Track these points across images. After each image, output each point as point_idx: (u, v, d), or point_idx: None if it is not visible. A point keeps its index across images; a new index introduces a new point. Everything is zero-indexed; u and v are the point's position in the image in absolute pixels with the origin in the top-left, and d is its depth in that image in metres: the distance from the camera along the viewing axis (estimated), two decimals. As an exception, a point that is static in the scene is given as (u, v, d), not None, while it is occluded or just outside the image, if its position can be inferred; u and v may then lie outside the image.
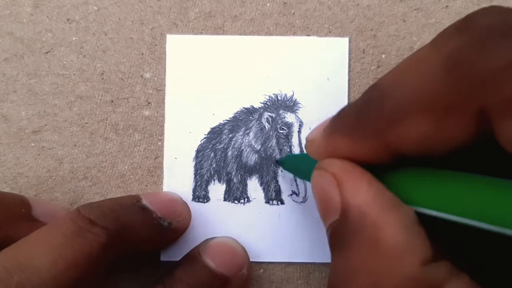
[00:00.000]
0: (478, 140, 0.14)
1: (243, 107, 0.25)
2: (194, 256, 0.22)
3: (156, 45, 0.25)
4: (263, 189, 0.25)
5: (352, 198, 0.15)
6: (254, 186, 0.25)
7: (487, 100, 0.13)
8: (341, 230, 0.16)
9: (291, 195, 0.25)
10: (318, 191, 0.17)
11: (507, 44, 0.12)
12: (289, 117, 0.25)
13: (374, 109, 0.15)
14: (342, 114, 0.17)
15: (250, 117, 0.25)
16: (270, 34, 0.25)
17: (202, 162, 0.25)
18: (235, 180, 0.25)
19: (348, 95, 0.25)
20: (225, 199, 0.25)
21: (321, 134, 0.18)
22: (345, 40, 0.25)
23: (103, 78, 0.25)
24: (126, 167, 0.25)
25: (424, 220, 0.15)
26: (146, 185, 0.25)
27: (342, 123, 0.17)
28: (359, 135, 0.16)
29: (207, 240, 0.24)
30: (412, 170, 0.16)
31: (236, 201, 0.25)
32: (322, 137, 0.18)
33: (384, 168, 0.16)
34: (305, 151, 0.21)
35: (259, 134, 0.25)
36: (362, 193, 0.15)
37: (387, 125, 0.15)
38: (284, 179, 0.25)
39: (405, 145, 0.15)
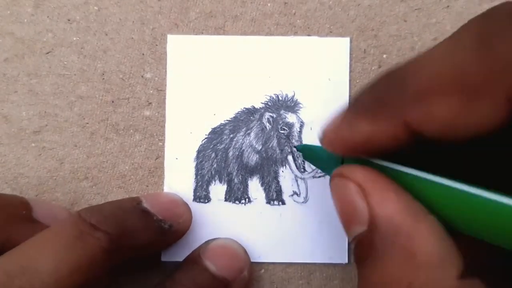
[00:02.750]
0: (504, 127, 0.13)
1: (244, 107, 0.25)
2: (194, 259, 0.22)
3: (157, 45, 0.25)
4: (264, 189, 0.25)
5: (382, 209, 0.15)
6: (255, 187, 0.25)
7: None
8: (370, 242, 0.15)
9: (292, 195, 0.25)
10: (341, 200, 0.17)
11: None
12: (290, 118, 0.25)
13: (398, 88, 0.15)
14: (359, 99, 0.17)
15: (251, 118, 0.25)
16: (271, 34, 0.25)
17: (203, 162, 0.25)
18: (236, 180, 0.25)
19: (349, 95, 0.25)
20: (226, 200, 0.25)
21: (338, 119, 0.17)
22: (346, 40, 0.25)
23: (103, 78, 0.25)
24: (127, 167, 0.25)
25: None
26: (147, 186, 0.25)
27: (360, 106, 0.16)
28: (380, 114, 0.15)
29: (207, 242, 0.24)
30: (433, 178, 0.15)
31: (237, 202, 0.25)
32: (338, 122, 0.17)
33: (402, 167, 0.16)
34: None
35: (260, 135, 0.25)
36: (392, 203, 0.15)
37: (411, 103, 0.14)
38: (285, 179, 0.25)
39: (429, 126, 0.14)
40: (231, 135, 0.25)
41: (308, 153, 0.23)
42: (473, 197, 0.14)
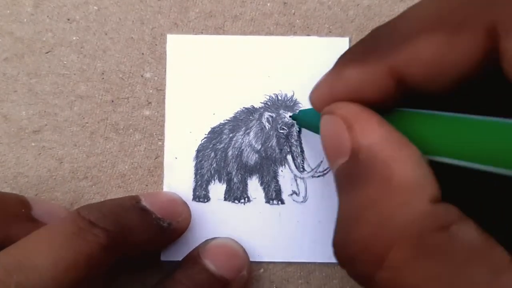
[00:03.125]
0: (485, 69, 0.14)
1: (244, 107, 0.25)
2: (194, 258, 0.22)
3: (156, 45, 0.26)
4: (264, 189, 0.25)
5: (363, 138, 0.15)
6: (254, 186, 0.25)
7: (497, 16, 0.13)
8: (350, 171, 0.16)
9: (291, 195, 0.25)
10: (327, 134, 0.17)
11: None
12: (289, 117, 0.25)
13: (385, 35, 0.15)
14: (348, 51, 0.17)
15: (251, 117, 0.25)
16: (271, 34, 0.26)
17: (203, 161, 0.25)
18: (235, 180, 0.25)
19: (349, 95, 0.25)
20: (225, 199, 0.25)
21: (325, 77, 0.17)
22: (346, 40, 0.25)
23: (103, 78, 0.25)
24: (126, 167, 0.25)
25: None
26: (147, 185, 0.25)
27: (348, 56, 0.17)
28: (367, 61, 0.16)
29: (207, 241, 0.24)
30: (417, 113, 0.16)
31: (236, 201, 0.25)
32: (326, 78, 0.17)
33: (390, 111, 0.16)
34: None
35: (259, 134, 0.25)
36: (373, 133, 0.15)
37: (396, 47, 0.15)
38: (285, 178, 0.25)
39: (413, 69, 0.15)
40: (231, 135, 0.25)
41: (302, 118, 0.23)
42: (456, 119, 0.14)
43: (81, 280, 0.18)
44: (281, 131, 0.25)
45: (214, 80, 0.25)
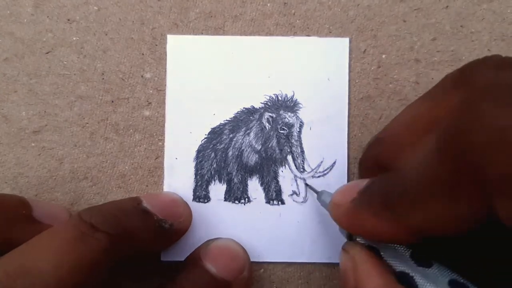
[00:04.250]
0: (491, 217, 0.14)
1: (244, 107, 0.25)
2: (195, 260, 0.22)
3: (156, 45, 0.26)
4: (264, 189, 0.25)
5: (364, 283, 0.18)
6: (254, 186, 0.25)
7: (484, 178, 0.13)
8: None
9: (291, 195, 0.25)
10: (341, 269, 0.20)
11: (499, 112, 0.13)
12: (290, 117, 0.25)
13: (396, 193, 0.17)
14: (368, 192, 0.18)
15: (251, 117, 0.25)
16: (271, 34, 0.26)
17: (203, 162, 0.25)
18: (235, 180, 0.25)
19: (349, 95, 0.25)
20: (225, 199, 0.25)
21: (348, 205, 0.19)
22: (346, 40, 0.25)
23: (103, 78, 0.25)
24: (126, 167, 0.25)
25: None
26: (147, 185, 0.25)
27: (368, 201, 0.18)
28: (385, 217, 0.17)
29: (207, 243, 0.24)
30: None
31: (236, 201, 0.25)
32: (348, 209, 0.19)
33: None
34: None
35: (259, 134, 0.25)
36: (373, 281, 0.18)
37: (408, 209, 0.16)
38: (285, 179, 0.25)
39: (428, 228, 0.16)
40: (231, 135, 0.25)
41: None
42: None
43: (84, 283, 0.18)
44: (281, 131, 0.25)
45: (214, 80, 0.25)
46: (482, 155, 0.13)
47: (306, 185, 0.25)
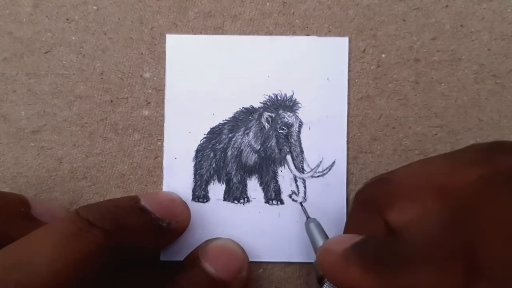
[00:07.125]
0: None
1: (243, 107, 0.25)
2: (194, 261, 0.22)
3: (155, 44, 0.25)
4: (263, 189, 0.25)
5: None
6: (253, 186, 0.25)
7: (477, 264, 0.14)
8: None
9: (290, 195, 0.25)
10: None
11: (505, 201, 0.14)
12: (289, 117, 0.25)
13: (391, 253, 0.17)
14: (364, 245, 0.18)
15: (250, 117, 0.25)
16: (270, 34, 0.25)
17: (202, 162, 0.25)
18: (234, 180, 0.25)
19: (348, 95, 0.25)
20: (224, 199, 0.25)
21: (340, 253, 0.19)
22: (345, 39, 0.25)
23: (102, 78, 0.25)
24: (125, 167, 0.25)
25: None
26: (146, 185, 0.25)
27: (361, 254, 0.18)
28: (373, 272, 0.17)
29: (206, 243, 0.24)
30: None
31: (235, 201, 0.25)
32: (338, 256, 0.19)
33: None
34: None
35: (258, 134, 0.25)
36: None
37: (400, 271, 0.16)
38: (284, 179, 0.25)
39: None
40: (230, 135, 0.25)
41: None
42: None
43: (79, 278, 0.18)
44: (281, 131, 0.25)
45: (214, 80, 0.25)
46: (486, 245, 0.14)
47: (301, 204, 0.25)
